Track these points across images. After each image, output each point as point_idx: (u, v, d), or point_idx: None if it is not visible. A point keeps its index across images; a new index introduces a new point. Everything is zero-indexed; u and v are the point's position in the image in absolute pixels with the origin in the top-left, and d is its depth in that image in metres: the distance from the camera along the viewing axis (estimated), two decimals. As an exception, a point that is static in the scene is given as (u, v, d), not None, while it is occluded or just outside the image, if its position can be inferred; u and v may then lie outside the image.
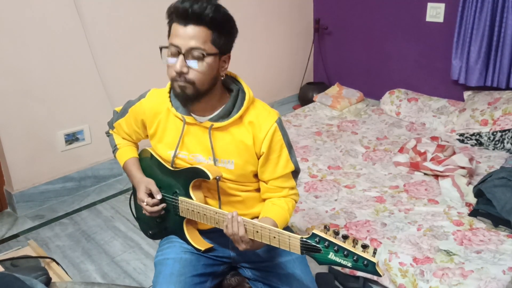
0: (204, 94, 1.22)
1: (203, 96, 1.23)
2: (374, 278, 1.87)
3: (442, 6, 3.20)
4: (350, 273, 1.92)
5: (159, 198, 1.31)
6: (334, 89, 3.70)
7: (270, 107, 1.33)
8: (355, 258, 1.01)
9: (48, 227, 2.46)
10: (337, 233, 1.05)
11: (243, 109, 1.27)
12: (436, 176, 2.41)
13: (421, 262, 1.78)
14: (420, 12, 3.31)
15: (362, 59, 3.80)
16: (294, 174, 1.36)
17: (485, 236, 1.91)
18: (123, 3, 2.75)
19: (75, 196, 2.76)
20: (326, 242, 1.04)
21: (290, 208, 1.34)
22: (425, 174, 2.46)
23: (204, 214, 1.26)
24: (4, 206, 2.62)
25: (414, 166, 2.49)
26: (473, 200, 2.13)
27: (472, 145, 2.84)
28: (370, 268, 1.00)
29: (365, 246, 1.01)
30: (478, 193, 2.08)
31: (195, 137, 1.30)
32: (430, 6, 3.25)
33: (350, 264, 1.02)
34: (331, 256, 1.04)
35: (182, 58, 1.16)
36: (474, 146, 2.83)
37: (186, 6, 1.13)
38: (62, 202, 2.69)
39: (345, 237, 1.04)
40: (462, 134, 2.91)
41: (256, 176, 1.35)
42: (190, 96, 1.21)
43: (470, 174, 2.36)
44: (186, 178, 1.30)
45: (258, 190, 1.38)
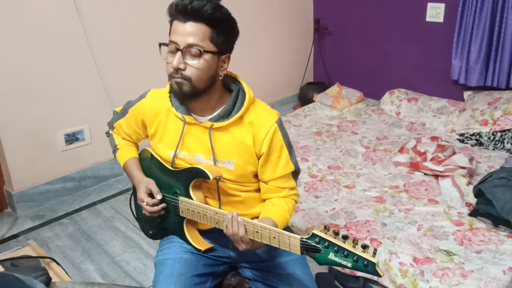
0: (202, 92, 1.22)
1: (201, 94, 1.23)
2: (374, 278, 1.87)
3: (442, 6, 3.20)
4: (350, 273, 1.92)
5: (159, 198, 1.31)
6: (334, 89, 3.70)
7: (270, 108, 1.33)
8: (355, 258, 1.01)
9: (48, 227, 2.46)
10: (337, 233, 1.05)
11: (243, 109, 1.27)
12: (436, 176, 2.41)
13: (421, 262, 1.78)
14: (420, 12, 3.31)
15: (362, 59, 3.80)
16: (294, 174, 1.36)
17: (485, 236, 1.91)
18: (123, 3, 2.75)
19: (75, 196, 2.76)
20: (326, 243, 1.04)
21: (290, 208, 1.34)
22: (425, 174, 2.46)
23: (204, 214, 1.26)
24: (4, 206, 2.62)
25: (414, 166, 2.49)
26: (473, 200, 2.13)
27: (472, 145, 2.84)
28: (370, 268, 1.00)
29: (365, 246, 1.01)
30: (478, 193, 2.08)
31: (195, 137, 1.31)
32: (430, 6, 3.25)
33: (350, 264, 1.02)
34: (331, 256, 1.04)
35: (179, 54, 1.18)
36: (474, 146, 2.83)
37: (186, 2, 1.15)
38: (62, 202, 2.69)
39: (345, 237, 1.04)
40: (462, 134, 2.91)
41: (256, 176, 1.35)
42: (187, 93, 1.21)
43: (470, 174, 2.36)
44: (186, 178, 1.30)
45: (258, 191, 1.38)
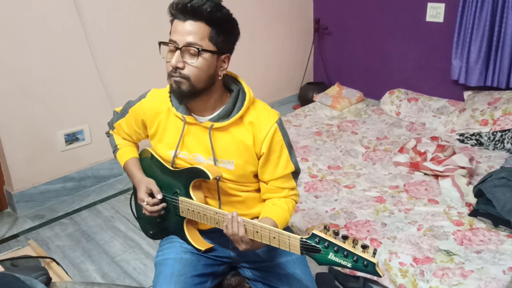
0: (201, 92, 1.22)
1: (200, 94, 1.23)
2: (374, 278, 1.87)
3: (442, 6, 3.20)
4: (350, 273, 1.92)
5: (160, 197, 1.31)
6: (334, 89, 3.70)
7: (270, 108, 1.33)
8: (355, 258, 1.01)
9: (48, 227, 2.46)
10: (337, 233, 1.05)
11: (244, 109, 1.27)
12: (436, 176, 2.41)
13: (421, 262, 1.78)
14: (420, 12, 3.31)
15: (362, 59, 3.80)
16: (294, 174, 1.36)
17: (485, 236, 1.91)
18: (123, 3, 2.75)
19: (75, 196, 2.76)
20: (326, 243, 1.04)
21: (290, 208, 1.34)
22: (425, 174, 2.46)
23: (204, 214, 1.26)
24: (4, 206, 2.62)
25: (414, 166, 2.49)
26: (473, 200, 2.13)
27: (472, 145, 2.84)
28: (370, 268, 1.00)
29: (365, 247, 1.01)
30: (478, 193, 2.08)
31: (195, 137, 1.31)
32: (430, 6, 3.25)
33: (350, 264, 1.02)
34: (331, 256, 1.04)
35: (178, 53, 1.18)
36: (474, 146, 2.83)
37: (186, 1, 1.15)
38: (62, 202, 2.69)
39: (345, 237, 1.04)
40: (462, 134, 2.91)
41: (256, 176, 1.35)
42: (186, 92, 1.21)
43: (470, 174, 2.36)
44: (186, 178, 1.30)
45: (258, 191, 1.38)
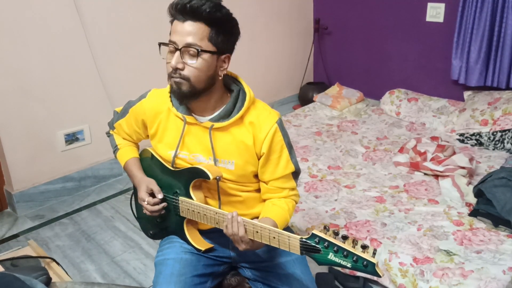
0: (201, 92, 1.22)
1: (201, 94, 1.23)
2: (374, 278, 1.87)
3: (442, 6, 3.20)
4: (350, 273, 1.92)
5: (161, 197, 1.31)
6: (334, 89, 3.70)
7: (270, 108, 1.33)
8: (355, 258, 1.01)
9: (48, 227, 2.46)
10: (336, 233, 1.05)
11: (244, 109, 1.27)
12: (436, 176, 2.41)
13: (421, 262, 1.78)
14: (420, 12, 3.31)
15: (362, 59, 3.80)
16: (295, 175, 1.36)
17: (485, 236, 1.91)
18: (123, 3, 2.75)
19: (75, 196, 2.76)
20: (326, 243, 1.04)
21: (290, 208, 1.34)
22: (425, 174, 2.46)
23: (204, 214, 1.26)
24: (4, 206, 2.62)
25: (414, 166, 2.49)
26: (473, 200, 2.13)
27: (472, 145, 2.84)
28: (370, 268, 1.00)
29: (364, 247, 1.01)
30: (478, 193, 2.08)
31: (196, 137, 1.31)
32: (430, 6, 3.25)
33: (349, 264, 1.02)
34: (331, 256, 1.04)
35: (178, 54, 1.18)
36: (474, 146, 2.83)
37: (185, 1, 1.15)
38: (62, 202, 2.69)
39: (344, 237, 1.04)
40: (462, 134, 2.91)
41: (256, 176, 1.35)
42: (186, 93, 1.21)
43: (470, 174, 2.36)
44: (187, 178, 1.30)
45: (258, 191, 1.38)
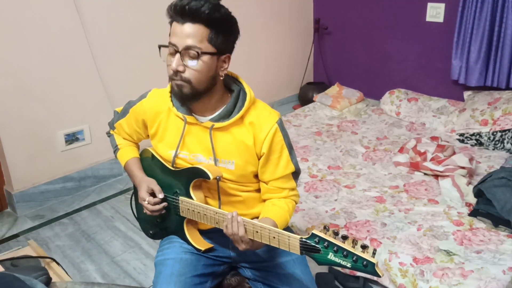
0: (202, 93, 1.22)
1: (202, 95, 1.23)
2: (374, 278, 1.87)
3: (442, 6, 3.20)
4: (350, 273, 1.92)
5: (161, 197, 1.31)
6: (334, 89, 3.70)
7: (271, 108, 1.33)
8: (355, 258, 1.01)
9: (48, 227, 2.46)
10: (336, 233, 1.05)
11: (244, 109, 1.27)
12: (436, 176, 2.41)
13: (421, 262, 1.78)
14: (420, 12, 3.31)
15: (362, 59, 3.80)
16: (295, 175, 1.36)
17: (485, 236, 1.91)
18: (123, 3, 2.75)
19: (75, 196, 2.76)
20: (326, 243, 1.04)
21: (290, 208, 1.34)
22: (425, 174, 2.46)
23: (204, 214, 1.26)
24: (4, 206, 2.62)
25: (414, 166, 2.49)
26: (473, 200, 2.13)
27: (472, 145, 2.84)
28: (370, 268, 1.00)
29: (364, 247, 1.01)
30: (478, 193, 2.08)
31: (196, 137, 1.31)
32: (430, 6, 3.25)
33: (349, 264, 1.02)
34: (331, 256, 1.04)
35: (178, 56, 1.17)
36: (474, 146, 2.83)
37: (184, 3, 1.14)
38: (62, 202, 2.69)
39: (344, 237, 1.04)
40: (462, 134, 2.91)
41: (256, 176, 1.35)
42: (188, 95, 1.21)
43: (470, 174, 2.36)
44: (187, 178, 1.30)
45: (258, 191, 1.38)
